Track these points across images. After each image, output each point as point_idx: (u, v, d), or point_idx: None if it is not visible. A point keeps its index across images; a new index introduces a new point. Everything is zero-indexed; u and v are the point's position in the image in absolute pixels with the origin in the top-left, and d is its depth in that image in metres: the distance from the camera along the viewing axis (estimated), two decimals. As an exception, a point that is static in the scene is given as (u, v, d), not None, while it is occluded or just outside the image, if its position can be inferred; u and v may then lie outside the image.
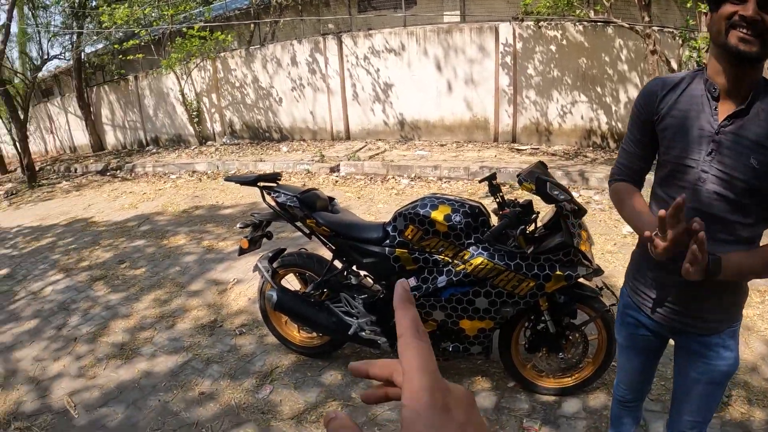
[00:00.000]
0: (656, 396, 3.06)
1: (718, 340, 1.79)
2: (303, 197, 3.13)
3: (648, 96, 1.72)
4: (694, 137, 1.61)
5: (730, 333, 1.79)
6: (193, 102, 12.56)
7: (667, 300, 1.81)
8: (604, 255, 5.22)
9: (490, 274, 2.71)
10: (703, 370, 1.85)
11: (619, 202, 1.86)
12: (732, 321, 1.79)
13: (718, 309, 1.75)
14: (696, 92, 1.62)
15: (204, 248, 5.94)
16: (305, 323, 3.35)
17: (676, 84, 1.67)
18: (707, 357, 1.83)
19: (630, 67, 9.23)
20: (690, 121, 1.62)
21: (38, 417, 3.27)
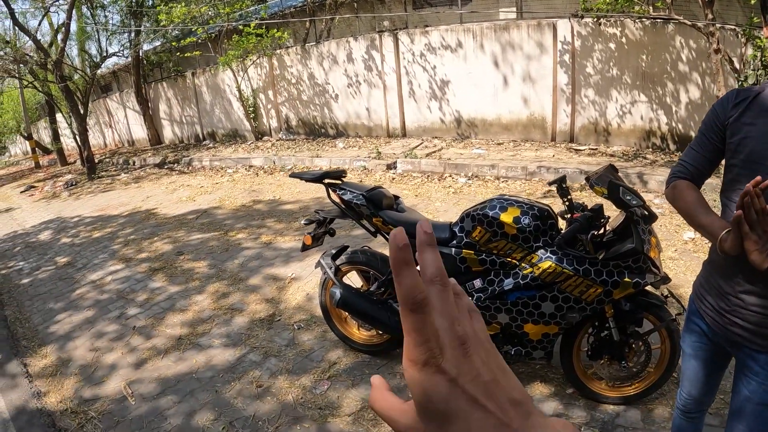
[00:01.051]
0: (715, 410, 2.96)
1: None
2: (370, 195, 3.15)
3: (722, 102, 1.74)
4: (761, 143, 1.61)
5: None
6: (249, 98, 12.77)
7: (727, 309, 1.78)
8: (665, 261, 5.08)
9: (558, 279, 2.68)
10: (755, 389, 1.80)
11: (681, 198, 1.85)
12: None
13: None
14: (765, 101, 1.63)
15: (263, 243, 6.03)
16: (367, 321, 3.38)
17: (750, 94, 1.69)
18: (760, 376, 1.78)
19: (691, 67, 8.95)
20: (758, 127, 1.63)
21: (95, 403, 3.38)
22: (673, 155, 9.02)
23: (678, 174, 1.92)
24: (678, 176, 1.92)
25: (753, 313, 1.70)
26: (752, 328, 1.72)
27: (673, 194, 1.90)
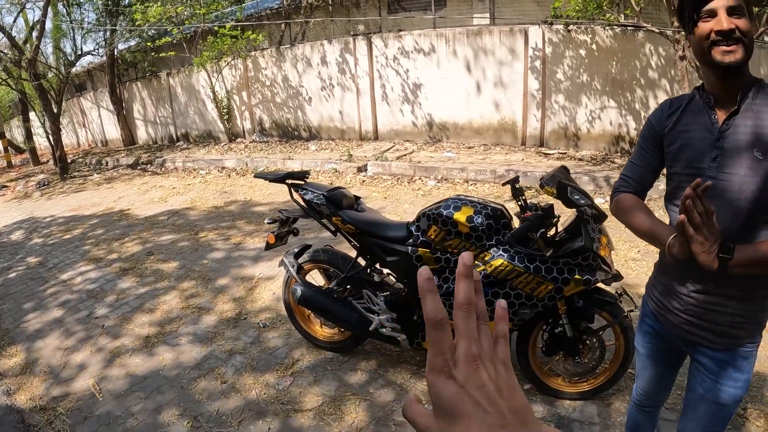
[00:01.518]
0: (672, 405, 3.06)
1: (728, 359, 1.77)
2: (330, 195, 3.21)
3: (657, 114, 1.81)
4: (698, 147, 1.66)
5: (744, 354, 1.76)
6: (223, 99, 12.75)
7: (681, 309, 1.81)
8: (627, 262, 5.22)
9: (510, 276, 2.75)
10: (709, 387, 1.84)
11: (626, 211, 1.88)
12: (746, 340, 1.75)
13: (731, 324, 1.72)
14: (696, 106, 1.70)
15: (232, 244, 6.06)
16: (328, 318, 3.43)
17: (682, 102, 1.75)
18: (715, 374, 1.81)
19: (660, 74, 9.15)
20: (693, 133, 1.68)
21: (63, 400, 3.39)
22: (640, 160, 9.17)
23: (620, 188, 1.97)
24: (620, 191, 1.96)
25: (707, 311, 1.74)
26: (707, 326, 1.76)
27: (616, 208, 1.94)
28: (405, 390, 3.28)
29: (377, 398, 3.21)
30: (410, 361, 3.58)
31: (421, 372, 3.45)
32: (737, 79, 1.59)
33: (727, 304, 1.70)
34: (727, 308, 1.70)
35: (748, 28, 1.52)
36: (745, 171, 1.57)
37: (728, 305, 1.70)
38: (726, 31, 1.50)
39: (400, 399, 3.20)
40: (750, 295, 1.69)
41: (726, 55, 1.52)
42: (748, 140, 1.56)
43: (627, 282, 4.74)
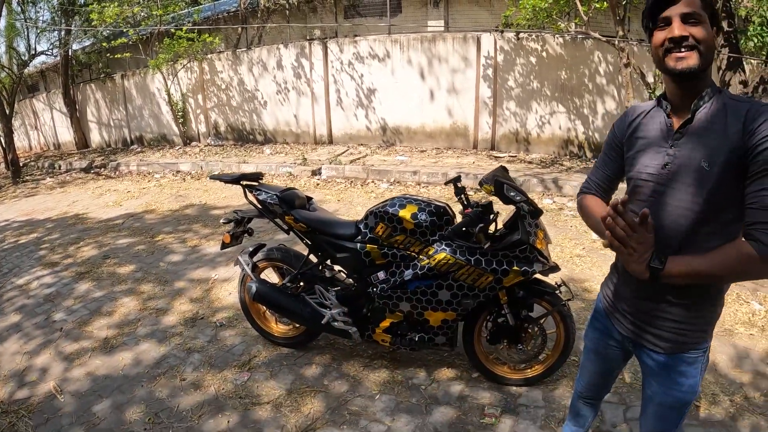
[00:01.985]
0: (613, 389, 3.21)
1: (672, 363, 1.79)
2: (283, 195, 3.33)
3: (620, 121, 1.87)
4: (651, 153, 1.70)
5: (688, 359, 1.77)
6: (178, 102, 12.67)
7: (626, 310, 1.86)
8: (572, 258, 5.46)
9: (452, 268, 2.93)
10: (655, 390, 1.88)
11: (586, 211, 1.98)
12: (691, 346, 1.75)
13: (673, 329, 1.74)
14: (656, 113, 1.73)
15: (189, 247, 6.09)
16: (282, 313, 3.55)
17: (644, 110, 1.79)
18: (660, 377, 1.84)
19: (608, 80, 9.52)
20: (649, 139, 1.72)
21: (25, 402, 3.39)
22: (589, 162, 9.54)
23: (584, 190, 2.06)
24: (583, 192, 2.07)
25: (650, 315, 1.78)
26: (650, 330, 1.79)
27: (579, 209, 2.05)
28: (358, 381, 3.42)
29: (332, 389, 3.34)
30: (362, 354, 3.72)
31: (374, 364, 3.60)
32: (694, 87, 1.60)
33: (669, 310, 1.72)
34: (668, 314, 1.73)
35: (704, 36, 1.52)
36: (691, 180, 1.58)
37: (670, 311, 1.73)
38: (677, 38, 1.52)
39: (354, 390, 3.33)
40: (690, 302, 1.70)
41: (678, 62, 1.54)
42: (697, 150, 1.57)
43: (572, 276, 5.00)
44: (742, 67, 6.39)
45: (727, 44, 6.37)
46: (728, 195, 1.55)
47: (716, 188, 1.55)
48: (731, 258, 1.52)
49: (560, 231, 6.26)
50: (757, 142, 1.46)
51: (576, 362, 3.64)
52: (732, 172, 1.52)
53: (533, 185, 7.92)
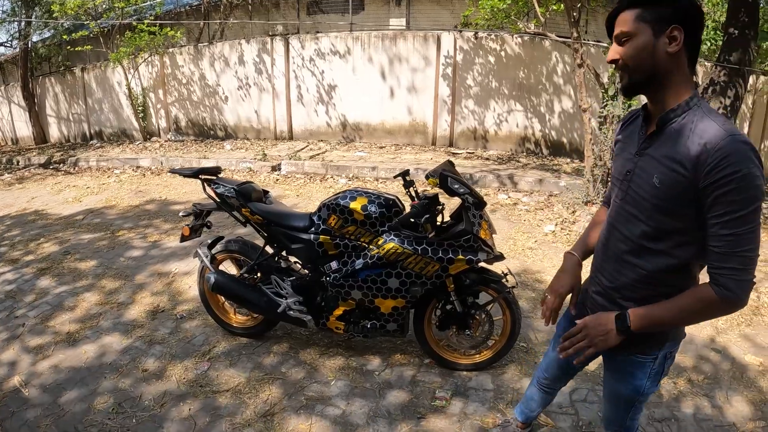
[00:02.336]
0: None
1: (622, 363, 1.86)
2: (240, 189, 3.45)
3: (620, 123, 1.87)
4: (622, 157, 1.73)
5: (637, 363, 1.81)
6: (139, 97, 12.55)
7: (589, 305, 1.93)
8: (525, 251, 5.67)
9: (400, 258, 3.09)
10: (607, 378, 1.99)
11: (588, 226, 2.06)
12: (636, 350, 1.78)
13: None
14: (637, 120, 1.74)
15: (150, 242, 6.11)
16: (239, 303, 3.66)
17: (635, 114, 1.79)
18: (611, 371, 1.94)
19: (565, 80, 9.78)
20: (626, 143, 1.75)
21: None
22: (545, 159, 9.81)
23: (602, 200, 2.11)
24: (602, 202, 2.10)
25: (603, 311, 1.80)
26: None
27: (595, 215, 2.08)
28: (314, 368, 3.55)
29: (289, 377, 3.47)
30: (319, 342, 3.86)
31: (329, 352, 3.74)
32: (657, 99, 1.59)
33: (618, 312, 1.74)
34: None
35: (632, 53, 1.52)
36: (643, 193, 1.59)
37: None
38: (609, 60, 1.59)
39: (311, 376, 3.46)
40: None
41: (621, 82, 1.61)
42: (653, 164, 1.56)
43: (525, 268, 5.20)
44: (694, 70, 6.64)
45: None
46: (675, 218, 1.54)
47: (662, 208, 1.55)
48: (693, 303, 1.55)
49: (514, 225, 6.48)
50: (712, 183, 1.41)
51: (524, 348, 3.84)
52: (680, 199, 1.50)
53: (489, 181, 8.13)
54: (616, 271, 1.76)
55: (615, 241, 1.75)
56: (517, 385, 3.41)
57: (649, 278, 1.67)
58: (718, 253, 1.47)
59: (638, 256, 1.67)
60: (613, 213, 1.77)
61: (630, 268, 1.70)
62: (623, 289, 1.74)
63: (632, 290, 1.72)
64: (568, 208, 6.97)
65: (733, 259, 1.45)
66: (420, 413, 3.14)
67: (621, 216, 1.71)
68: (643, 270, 1.67)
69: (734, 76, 6.06)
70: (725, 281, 1.47)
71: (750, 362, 3.76)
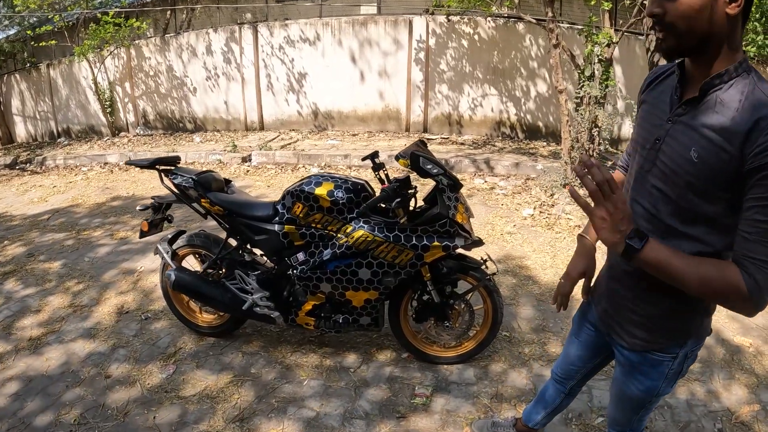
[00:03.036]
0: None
1: (636, 360, 1.69)
2: (199, 178, 3.22)
3: (644, 82, 1.63)
4: (649, 122, 1.50)
5: (653, 362, 1.65)
6: (105, 91, 12.18)
7: (602, 296, 1.77)
8: (503, 235, 5.52)
9: (371, 246, 2.89)
10: (617, 376, 1.80)
11: None
12: (654, 347, 1.63)
13: (638, 324, 1.63)
14: (671, 80, 1.48)
15: (116, 240, 5.88)
16: (202, 300, 3.45)
17: (663, 72, 1.56)
18: (623, 368, 1.75)
19: (539, 63, 9.68)
20: (653, 105, 1.51)
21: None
22: (521, 143, 9.70)
23: (617, 164, 1.88)
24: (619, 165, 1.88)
25: (618, 305, 1.67)
26: (617, 321, 1.70)
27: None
28: (286, 367, 3.36)
29: (260, 378, 3.28)
30: (290, 340, 3.67)
31: (302, 349, 3.54)
32: (703, 62, 1.34)
33: (637, 304, 1.61)
34: (636, 308, 1.61)
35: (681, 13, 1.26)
36: (675, 167, 1.38)
37: (637, 306, 1.61)
38: (648, 13, 1.32)
39: (283, 376, 3.28)
40: (659, 300, 1.55)
41: (661, 42, 1.34)
42: (692, 135, 1.34)
43: (503, 253, 5.06)
44: None
45: (656, 25, 6.50)
46: (709, 201, 1.34)
47: (697, 188, 1.34)
48: (716, 277, 1.30)
49: (491, 209, 6.33)
50: (760, 166, 1.21)
51: (507, 337, 3.69)
52: (719, 180, 1.29)
53: (465, 166, 7.99)
54: None
55: (636, 217, 1.49)
56: (501, 378, 3.27)
57: None
58: (748, 240, 1.27)
59: (664, 237, 1.42)
60: (634, 184, 1.54)
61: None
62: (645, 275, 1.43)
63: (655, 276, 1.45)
64: (545, 191, 6.86)
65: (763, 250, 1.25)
66: (399, 412, 2.98)
67: (644, 190, 1.49)
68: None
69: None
70: (754, 271, 1.25)
71: (741, 344, 3.67)
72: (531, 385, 3.21)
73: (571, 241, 5.39)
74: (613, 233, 1.31)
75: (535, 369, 3.36)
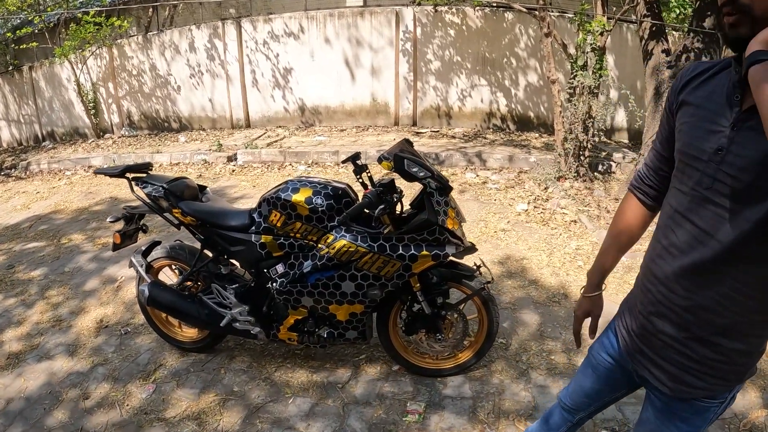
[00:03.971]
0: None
1: (678, 407, 1.49)
2: (170, 187, 3.01)
3: (676, 81, 1.44)
4: (703, 128, 1.30)
5: (699, 408, 1.46)
6: (89, 92, 11.93)
7: (636, 332, 1.53)
8: (497, 233, 5.35)
9: (354, 257, 2.69)
10: (649, 419, 1.59)
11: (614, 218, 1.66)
12: (703, 394, 1.42)
13: (687, 368, 1.41)
14: (722, 79, 1.30)
15: (97, 246, 5.70)
16: (179, 317, 3.26)
17: (707, 69, 1.37)
18: (659, 413, 1.54)
19: (529, 52, 9.52)
20: (705, 108, 1.31)
21: None
22: (512, 134, 9.55)
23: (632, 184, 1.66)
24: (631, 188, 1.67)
25: (662, 343, 1.44)
26: (658, 362, 1.47)
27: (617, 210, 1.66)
28: (271, 384, 3.18)
29: (243, 396, 3.11)
30: (275, 354, 3.48)
31: (287, 364, 3.36)
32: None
33: (686, 344, 1.39)
34: (684, 348, 1.40)
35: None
36: (750, 178, 1.18)
37: (687, 345, 1.39)
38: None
39: (268, 394, 3.11)
40: (714, 341, 1.35)
41: (729, 27, 1.17)
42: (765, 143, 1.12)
43: (498, 252, 4.88)
44: (665, 37, 6.41)
45: (650, 14, 6.36)
46: None
47: None
48: None
49: (484, 205, 6.15)
50: None
51: (504, 345, 3.52)
52: None
53: (456, 160, 7.80)
54: (695, 284, 1.33)
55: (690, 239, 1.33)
56: (499, 390, 3.09)
57: (744, 293, 1.27)
58: None
59: (739, 264, 1.25)
60: (689, 204, 1.33)
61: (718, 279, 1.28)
62: (701, 311, 1.31)
63: (716, 312, 1.31)
64: (539, 184, 6.69)
65: None
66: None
67: (703, 208, 1.29)
68: (737, 282, 1.26)
69: (709, 43, 5.82)
70: None
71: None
72: (530, 398, 3.04)
73: (567, 237, 5.22)
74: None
75: (535, 380, 3.18)
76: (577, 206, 5.88)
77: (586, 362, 1.83)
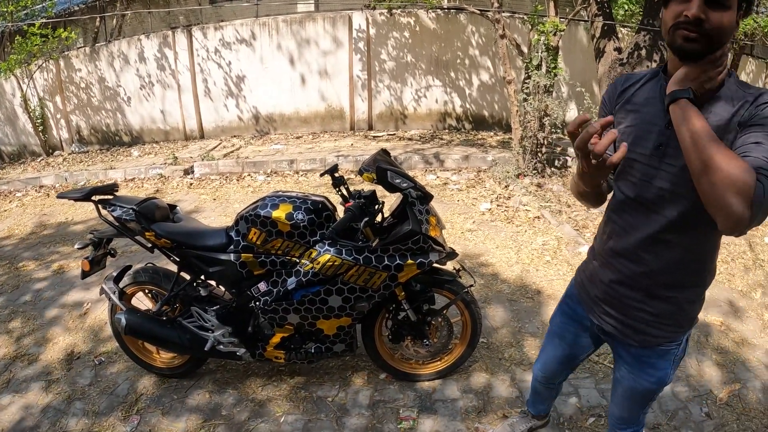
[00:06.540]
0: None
1: (644, 354, 1.78)
2: (140, 209, 2.90)
3: (610, 90, 1.73)
4: (644, 130, 1.56)
5: (662, 352, 1.76)
6: (36, 108, 11.51)
7: (600, 298, 1.81)
8: (464, 234, 5.40)
9: (340, 271, 2.68)
10: (624, 375, 1.87)
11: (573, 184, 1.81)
12: (663, 340, 1.73)
13: (648, 322, 1.71)
14: (654, 86, 1.58)
15: (56, 271, 5.47)
16: (159, 345, 3.16)
17: (639, 79, 1.65)
18: (631, 366, 1.83)
19: (482, 52, 9.66)
20: (642, 114, 1.58)
21: None
22: (468, 134, 9.66)
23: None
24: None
25: (624, 305, 1.73)
26: (623, 320, 1.75)
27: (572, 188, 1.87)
28: (259, 404, 3.13)
29: (232, 418, 3.04)
30: (258, 372, 3.42)
31: (272, 381, 3.31)
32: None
33: (645, 302, 1.68)
34: (644, 306, 1.69)
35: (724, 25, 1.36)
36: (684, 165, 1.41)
37: (646, 303, 1.68)
38: (694, 17, 1.35)
39: (257, 414, 3.05)
40: (668, 295, 1.66)
41: (687, 42, 1.38)
42: None
43: (466, 253, 4.93)
44: (616, 35, 6.60)
45: (601, 13, 6.53)
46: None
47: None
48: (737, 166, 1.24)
49: (448, 206, 6.20)
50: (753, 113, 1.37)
51: (485, 344, 3.56)
52: None
53: (415, 162, 7.84)
54: (650, 253, 1.62)
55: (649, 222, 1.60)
56: (486, 389, 3.15)
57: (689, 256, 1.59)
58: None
59: (682, 233, 1.56)
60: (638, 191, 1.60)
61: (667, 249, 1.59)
62: (657, 274, 1.63)
63: (668, 273, 1.62)
64: (500, 182, 6.79)
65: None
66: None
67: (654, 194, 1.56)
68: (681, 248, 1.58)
69: (659, 39, 6.02)
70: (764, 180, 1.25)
71: (711, 322, 3.71)
72: (517, 392, 3.13)
73: (532, 234, 5.32)
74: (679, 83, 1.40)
75: (518, 375, 3.27)
76: (539, 202, 5.99)
77: (552, 334, 2.15)
